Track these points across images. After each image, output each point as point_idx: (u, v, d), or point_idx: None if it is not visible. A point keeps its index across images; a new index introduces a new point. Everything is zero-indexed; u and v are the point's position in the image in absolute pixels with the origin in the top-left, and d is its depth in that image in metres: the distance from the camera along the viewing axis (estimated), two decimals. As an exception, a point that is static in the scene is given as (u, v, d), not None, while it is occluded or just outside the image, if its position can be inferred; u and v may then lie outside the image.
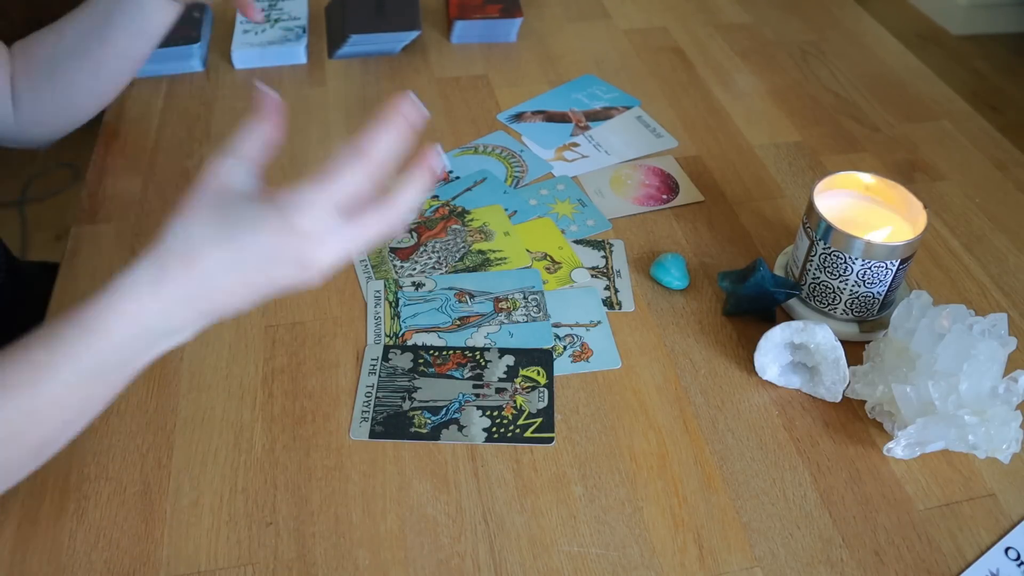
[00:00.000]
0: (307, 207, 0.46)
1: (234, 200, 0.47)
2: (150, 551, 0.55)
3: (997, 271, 0.78)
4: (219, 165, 0.48)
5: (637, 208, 0.83)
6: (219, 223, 0.46)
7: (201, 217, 0.47)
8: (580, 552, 0.56)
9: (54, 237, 1.90)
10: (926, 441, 0.60)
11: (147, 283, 0.46)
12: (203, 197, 0.47)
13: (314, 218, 0.46)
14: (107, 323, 0.46)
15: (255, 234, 0.46)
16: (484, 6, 1.07)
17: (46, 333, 0.46)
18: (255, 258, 0.47)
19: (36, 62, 0.76)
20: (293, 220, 0.46)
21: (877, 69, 1.05)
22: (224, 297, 0.48)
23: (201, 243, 0.46)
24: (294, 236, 0.46)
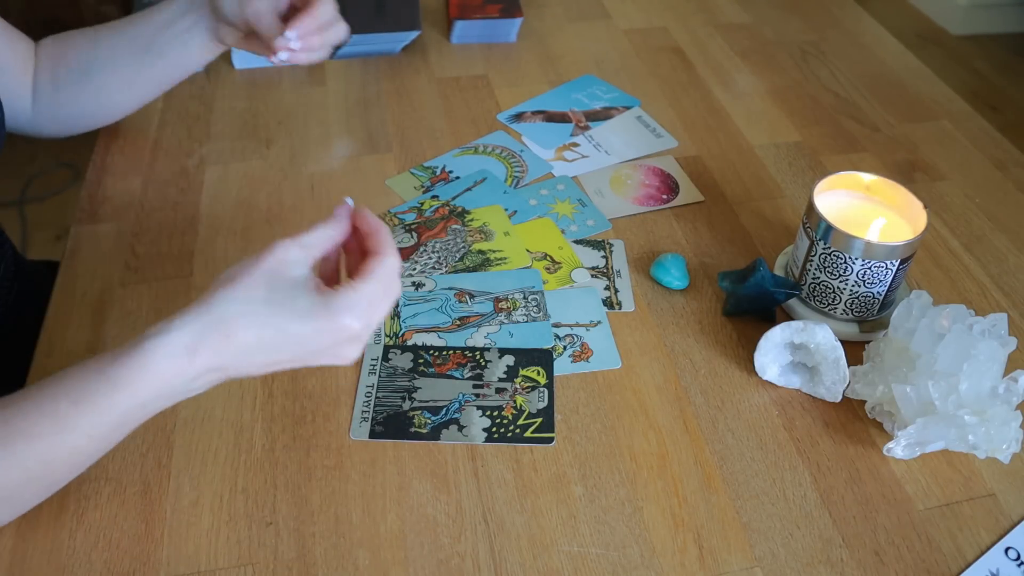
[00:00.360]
0: (355, 310, 0.48)
1: (287, 286, 0.48)
2: (150, 551, 0.55)
3: (997, 271, 0.78)
4: (283, 249, 0.49)
5: (637, 208, 0.83)
6: (267, 305, 0.47)
7: (251, 293, 0.47)
8: (580, 552, 0.56)
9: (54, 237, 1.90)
10: (926, 441, 0.60)
11: (182, 348, 0.47)
12: (258, 274, 0.48)
13: (358, 320, 0.48)
14: (136, 383, 0.47)
15: (301, 325, 0.48)
16: (484, 6, 1.07)
17: (74, 383, 0.47)
18: (294, 346, 0.48)
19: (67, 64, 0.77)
20: (343, 321, 0.48)
21: (877, 69, 1.05)
22: (251, 370, 0.49)
23: (245, 320, 0.47)
24: (340, 335, 0.49)
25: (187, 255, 0.76)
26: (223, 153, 0.88)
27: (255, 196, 0.83)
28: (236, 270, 0.48)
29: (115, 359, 0.47)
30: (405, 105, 0.96)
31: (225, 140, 0.90)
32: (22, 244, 1.89)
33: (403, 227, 0.79)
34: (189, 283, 0.73)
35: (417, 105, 0.96)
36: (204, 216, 0.80)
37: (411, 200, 0.83)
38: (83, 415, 0.47)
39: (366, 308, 0.49)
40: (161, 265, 0.75)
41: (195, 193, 0.83)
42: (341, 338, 0.49)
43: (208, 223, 0.79)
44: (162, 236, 0.78)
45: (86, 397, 0.47)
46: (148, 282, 0.73)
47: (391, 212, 0.81)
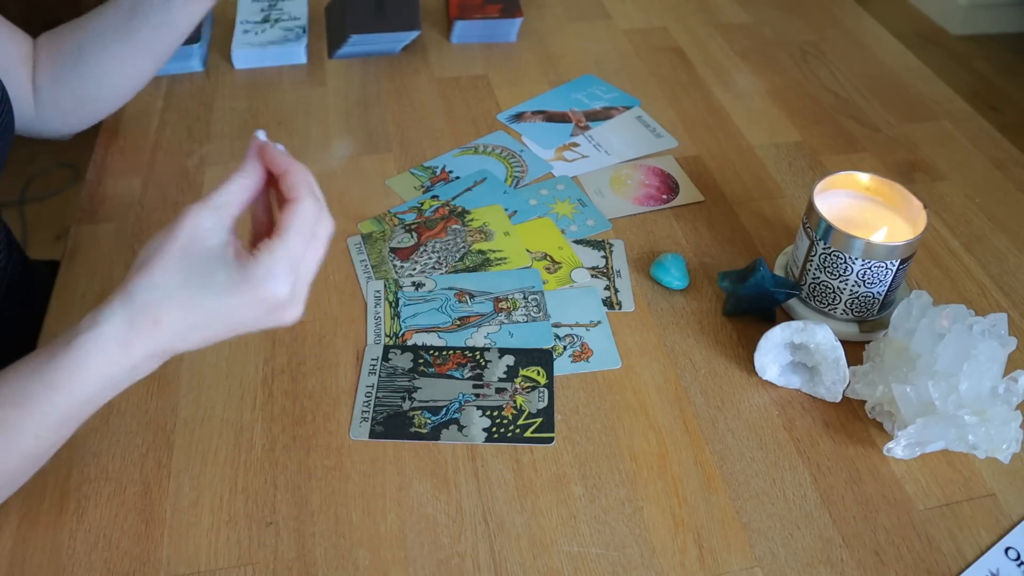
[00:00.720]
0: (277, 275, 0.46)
1: (202, 261, 0.46)
2: (150, 551, 0.55)
3: (997, 271, 0.78)
4: (194, 218, 0.46)
5: (637, 208, 0.83)
6: (185, 287, 0.46)
7: (168, 278, 0.46)
8: (580, 552, 0.56)
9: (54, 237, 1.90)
10: (926, 441, 0.60)
11: (115, 341, 0.46)
12: (172, 254, 0.46)
13: (284, 283, 0.46)
14: (75, 382, 0.46)
15: (226, 300, 0.46)
16: (484, 6, 1.07)
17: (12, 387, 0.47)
18: (223, 320, 0.47)
19: (60, 55, 0.77)
20: (268, 289, 0.46)
21: (877, 69, 1.05)
22: (191, 346, 0.48)
23: (169, 303, 0.46)
24: (270, 303, 0.47)
25: (187, 255, 0.76)
26: (223, 153, 0.88)
27: (255, 196, 0.83)
28: (150, 250, 0.46)
29: (51, 358, 0.46)
30: (405, 105, 0.96)
31: (225, 140, 0.90)
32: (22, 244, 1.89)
33: (403, 227, 0.79)
34: (189, 283, 0.73)
35: (417, 105, 0.96)
36: (204, 216, 0.80)
37: (411, 200, 0.83)
38: (26, 418, 0.47)
39: (289, 267, 0.46)
40: (161, 265, 0.75)
41: (195, 193, 0.83)
42: (272, 305, 0.47)
43: (208, 223, 0.79)
44: (162, 236, 0.78)
45: (26, 401, 0.46)
46: (148, 282, 0.73)
47: (391, 212, 0.81)
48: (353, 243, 0.78)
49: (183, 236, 0.46)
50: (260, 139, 0.50)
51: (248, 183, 0.49)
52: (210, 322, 0.47)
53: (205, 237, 0.46)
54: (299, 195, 0.47)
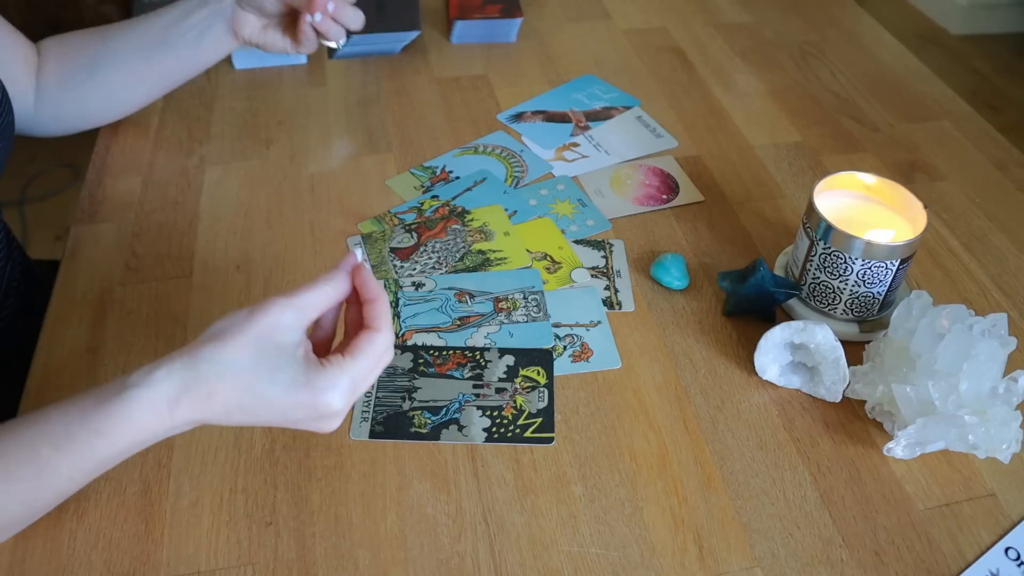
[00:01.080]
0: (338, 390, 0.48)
1: (275, 354, 0.47)
2: (150, 551, 0.55)
3: (997, 271, 0.78)
4: (277, 311, 0.47)
5: (637, 208, 0.83)
6: (252, 371, 0.47)
7: (238, 356, 0.47)
8: (580, 552, 0.56)
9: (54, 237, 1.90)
10: (926, 441, 0.60)
11: (164, 401, 0.47)
12: (248, 337, 0.47)
13: (340, 399, 0.48)
14: (117, 432, 0.47)
15: (282, 397, 0.47)
16: (484, 6, 1.07)
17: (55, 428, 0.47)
18: (274, 412, 0.48)
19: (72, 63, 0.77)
20: (324, 399, 0.47)
21: (877, 69, 1.05)
22: (228, 423, 0.49)
23: (227, 383, 0.47)
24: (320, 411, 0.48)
25: (187, 255, 0.76)
26: (223, 153, 0.88)
27: (255, 196, 0.83)
28: (226, 325, 0.47)
29: (98, 405, 0.47)
30: (405, 105, 0.96)
31: (225, 140, 0.90)
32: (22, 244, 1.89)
33: (403, 227, 0.79)
34: (189, 283, 0.73)
35: (417, 105, 0.96)
36: (204, 216, 0.80)
37: (411, 200, 0.83)
38: (64, 461, 0.48)
39: (349, 387, 0.48)
40: (161, 265, 0.75)
41: (195, 193, 0.83)
42: (321, 414, 0.48)
43: (208, 223, 0.79)
44: (162, 236, 0.78)
45: (67, 444, 0.47)
46: (148, 282, 0.73)
47: (391, 212, 0.81)
48: (353, 243, 0.78)
49: (263, 324, 0.47)
50: (357, 258, 0.51)
51: (334, 294, 0.50)
52: (258, 409, 0.48)
53: (282, 332, 0.47)
54: (380, 325, 0.50)
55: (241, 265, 0.75)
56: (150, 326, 0.69)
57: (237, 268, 0.75)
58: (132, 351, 0.67)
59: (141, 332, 0.69)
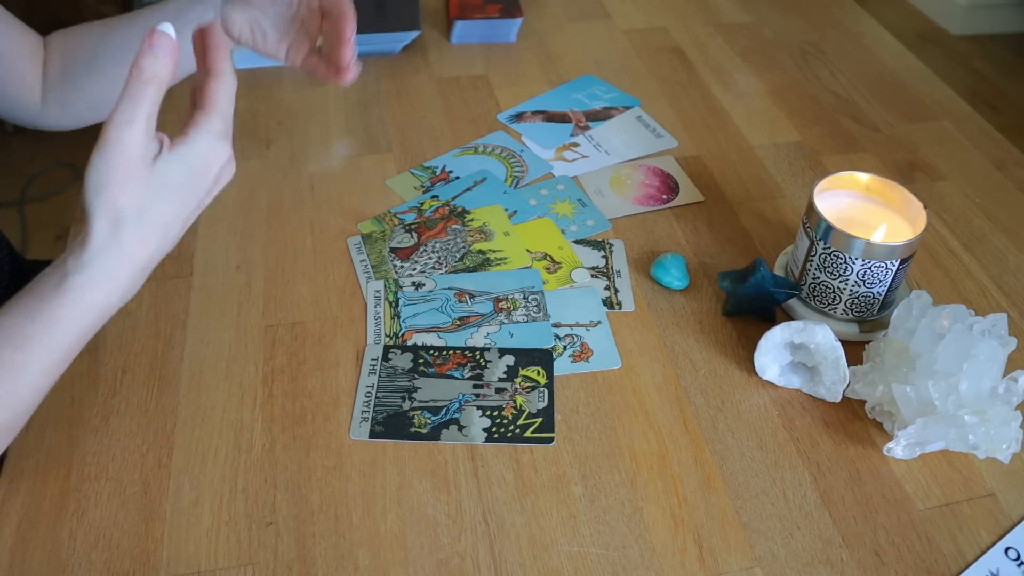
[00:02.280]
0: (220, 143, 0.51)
1: (152, 165, 0.48)
2: (150, 551, 0.55)
3: (997, 271, 0.78)
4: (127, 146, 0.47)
5: (637, 208, 0.83)
6: (155, 190, 0.48)
7: (139, 194, 0.48)
8: (580, 552, 0.56)
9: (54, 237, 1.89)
10: (926, 441, 0.60)
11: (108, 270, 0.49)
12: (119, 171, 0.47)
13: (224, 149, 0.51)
14: (72, 317, 0.49)
15: (182, 187, 0.50)
16: (484, 6, 1.07)
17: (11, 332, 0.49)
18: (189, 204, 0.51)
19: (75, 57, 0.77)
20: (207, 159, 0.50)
21: (877, 69, 1.05)
22: (172, 245, 0.51)
23: (150, 213, 0.48)
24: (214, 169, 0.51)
25: (187, 255, 0.76)
26: (223, 153, 0.88)
27: (255, 196, 0.83)
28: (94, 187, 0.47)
29: (42, 301, 0.48)
30: (405, 105, 0.96)
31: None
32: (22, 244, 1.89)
33: (403, 227, 0.79)
34: (189, 283, 0.73)
35: (417, 105, 0.96)
36: (204, 216, 0.80)
37: (411, 200, 0.83)
38: (29, 359, 0.49)
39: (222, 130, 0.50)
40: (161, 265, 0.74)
41: (195, 193, 0.83)
42: (218, 167, 0.51)
43: (208, 223, 0.79)
44: (162, 236, 0.78)
45: (27, 343, 0.49)
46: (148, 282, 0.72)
47: (391, 212, 0.81)
48: (353, 243, 0.78)
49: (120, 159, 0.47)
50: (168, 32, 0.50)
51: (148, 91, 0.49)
52: (180, 212, 0.50)
53: (141, 151, 0.48)
54: (218, 71, 0.52)
55: (241, 265, 0.75)
56: (150, 326, 0.70)
57: (237, 268, 0.75)
58: (132, 351, 0.67)
59: (141, 332, 0.69)
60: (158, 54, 0.48)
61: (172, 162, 0.49)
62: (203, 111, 0.51)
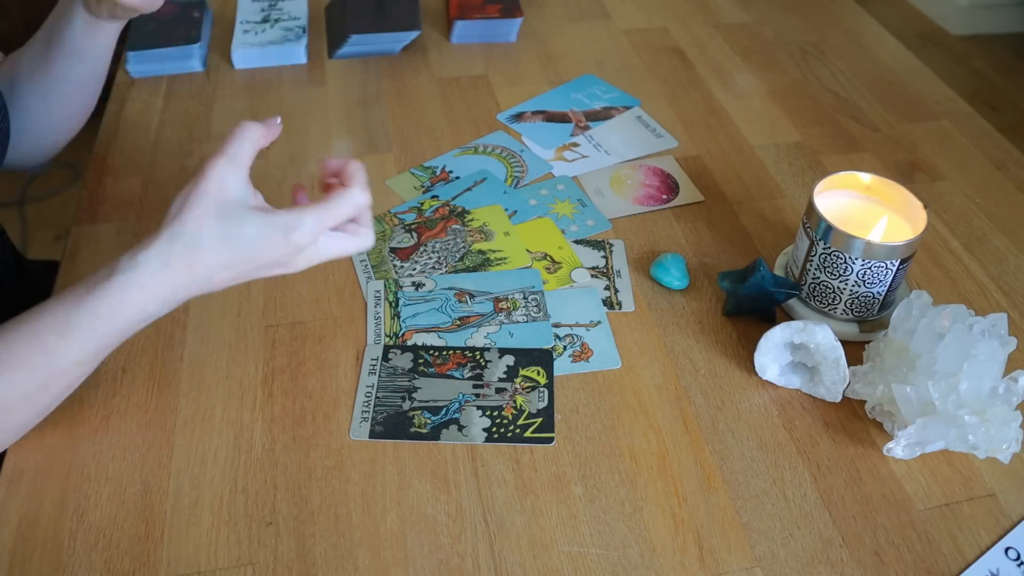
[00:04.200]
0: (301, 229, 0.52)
1: (236, 211, 0.52)
2: (150, 551, 0.55)
3: (997, 271, 0.78)
4: (218, 171, 0.51)
5: (637, 208, 0.83)
6: (222, 232, 0.51)
7: (206, 223, 0.51)
8: (580, 552, 0.56)
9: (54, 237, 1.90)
10: (926, 441, 0.60)
11: (152, 278, 0.51)
12: (206, 202, 0.51)
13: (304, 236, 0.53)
14: (115, 311, 0.51)
15: (252, 244, 0.52)
16: (484, 6, 1.07)
17: (56, 317, 0.52)
18: (249, 264, 0.53)
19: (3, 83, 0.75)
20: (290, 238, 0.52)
21: (877, 69, 1.05)
22: (214, 287, 0.54)
23: (204, 249, 0.51)
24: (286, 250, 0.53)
25: (187, 255, 0.76)
26: (223, 153, 0.88)
27: (255, 196, 0.83)
28: (181, 202, 0.51)
29: (89, 293, 0.51)
30: (405, 105, 0.96)
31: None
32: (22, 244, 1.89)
33: (403, 227, 0.79)
34: (189, 283, 0.73)
35: (417, 105, 0.96)
36: (204, 216, 0.80)
37: (411, 200, 0.83)
38: (70, 346, 0.52)
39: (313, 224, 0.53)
40: (161, 265, 0.75)
41: (195, 193, 0.83)
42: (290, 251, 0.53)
43: (208, 223, 0.79)
44: (162, 236, 0.78)
45: (71, 331, 0.51)
46: (148, 282, 0.73)
47: (391, 212, 0.81)
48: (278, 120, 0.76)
49: (211, 188, 0.51)
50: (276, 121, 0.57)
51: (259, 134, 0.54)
52: (236, 263, 0.53)
53: (230, 188, 0.52)
54: (352, 183, 0.56)
55: (241, 265, 0.75)
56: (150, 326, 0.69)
57: (237, 268, 0.75)
58: (132, 351, 0.67)
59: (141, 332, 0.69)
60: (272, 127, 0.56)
61: (256, 220, 0.52)
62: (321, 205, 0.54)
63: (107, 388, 0.65)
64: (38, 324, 0.52)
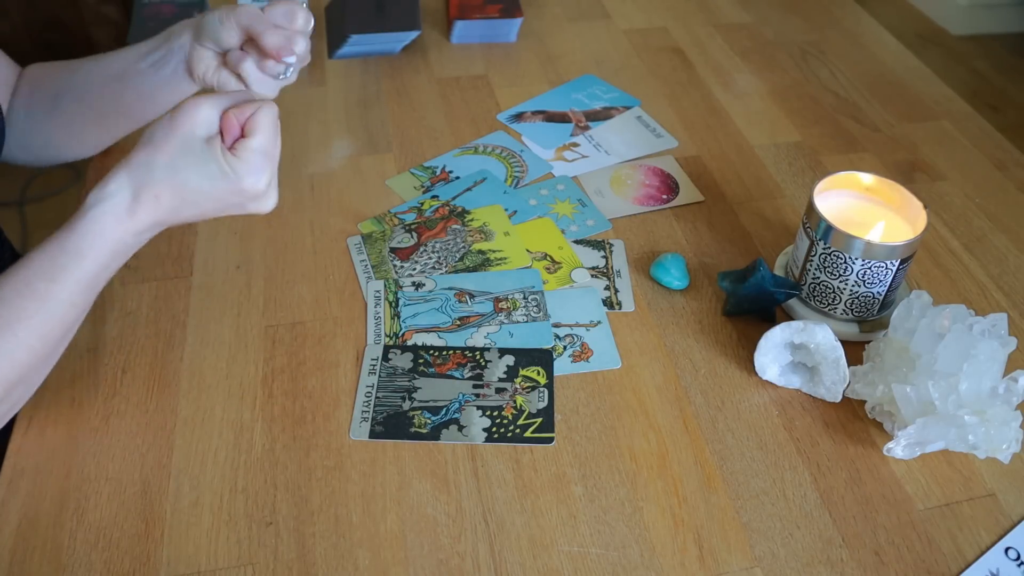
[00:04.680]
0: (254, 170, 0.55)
1: (199, 148, 0.54)
2: (150, 551, 0.55)
3: (997, 271, 0.78)
4: (196, 110, 0.54)
5: (637, 208, 0.83)
6: (184, 170, 0.54)
7: (170, 158, 0.53)
8: (580, 552, 0.56)
9: (54, 237, 1.89)
10: (926, 441, 0.60)
11: (124, 210, 0.53)
12: (173, 140, 0.54)
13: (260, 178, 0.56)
14: (96, 248, 0.53)
15: (213, 187, 0.54)
16: (484, 6, 1.07)
17: (42, 264, 0.53)
18: (212, 202, 0.55)
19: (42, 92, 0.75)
20: (247, 182, 0.55)
21: (877, 69, 1.05)
22: (184, 220, 0.56)
23: (168, 183, 0.54)
24: (249, 193, 0.56)
25: (187, 255, 0.76)
26: (223, 153, 0.88)
27: (255, 196, 0.83)
28: (153, 131, 0.54)
29: (71, 232, 0.53)
30: (405, 105, 0.96)
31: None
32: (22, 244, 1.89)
33: (403, 227, 0.79)
34: (189, 283, 0.73)
35: (417, 105, 0.96)
36: (204, 216, 0.80)
37: (411, 200, 0.83)
38: (61, 288, 0.53)
39: (262, 162, 0.55)
40: (161, 265, 0.75)
41: (195, 193, 0.83)
42: (252, 195, 0.56)
43: (208, 223, 0.79)
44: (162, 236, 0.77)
45: (57, 273, 0.53)
46: (148, 282, 0.73)
47: (391, 212, 0.81)
48: (353, 243, 0.78)
49: (183, 124, 0.54)
50: None
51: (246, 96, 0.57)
52: (200, 201, 0.55)
53: (201, 128, 0.54)
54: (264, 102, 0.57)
55: (241, 265, 0.75)
56: (150, 326, 0.70)
57: (237, 268, 0.75)
58: (132, 351, 0.67)
59: (141, 332, 0.69)
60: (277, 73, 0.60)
61: (215, 162, 0.54)
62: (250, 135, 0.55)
63: (107, 388, 0.65)
64: (26, 273, 0.53)
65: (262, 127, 0.56)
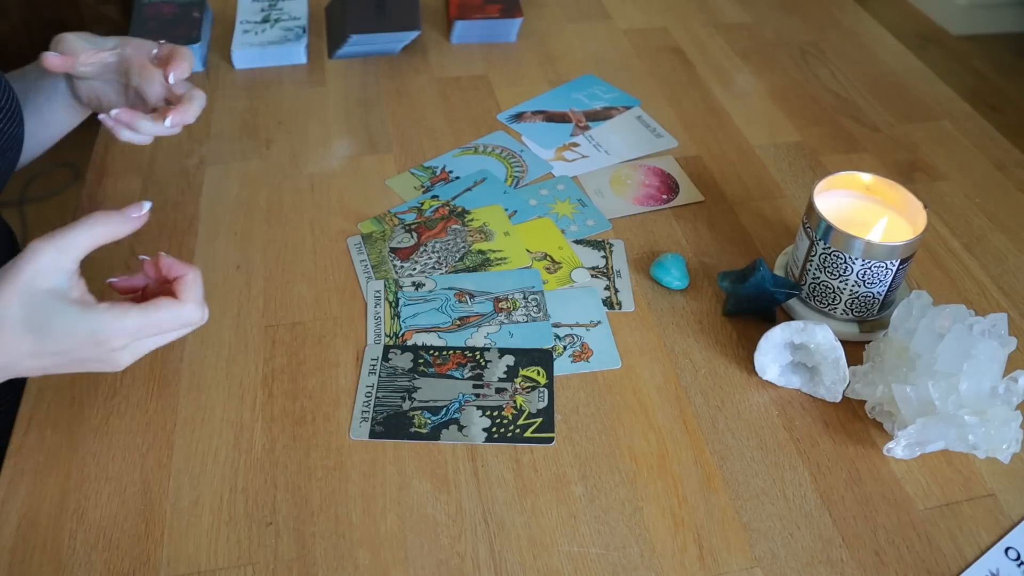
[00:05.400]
0: (116, 333, 0.49)
1: (43, 299, 0.48)
2: (150, 551, 0.55)
3: (997, 271, 0.78)
4: (36, 256, 0.48)
5: (637, 208, 0.83)
6: (27, 320, 0.48)
7: (13, 306, 0.48)
8: (580, 552, 0.56)
9: (54, 237, 1.89)
10: (926, 441, 0.60)
11: None
12: (13, 284, 0.48)
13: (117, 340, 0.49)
14: None
15: (61, 342, 0.49)
16: (484, 6, 1.07)
17: None
18: (57, 358, 0.50)
19: None
20: (100, 338, 0.49)
21: (877, 69, 1.05)
22: (26, 373, 0.51)
23: (8, 332, 0.48)
24: (99, 351, 0.50)
25: (187, 255, 0.76)
26: (223, 153, 0.88)
27: (255, 196, 0.83)
28: None
29: None
30: (405, 105, 0.96)
31: (225, 140, 0.90)
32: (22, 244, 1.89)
33: (403, 227, 0.79)
34: (189, 283, 0.73)
35: (417, 105, 0.96)
36: (204, 216, 0.80)
37: (411, 200, 0.83)
38: None
39: (132, 330, 0.49)
40: (161, 265, 0.75)
41: (195, 193, 0.83)
42: (103, 353, 0.50)
43: (208, 223, 0.79)
44: (162, 236, 0.78)
45: None
46: (148, 282, 0.73)
47: (391, 212, 0.81)
48: (353, 243, 0.78)
49: (24, 271, 0.48)
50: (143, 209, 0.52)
51: (102, 233, 0.50)
52: (43, 356, 0.49)
53: (44, 276, 0.48)
54: (185, 298, 0.51)
55: (241, 265, 0.75)
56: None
57: (237, 268, 0.75)
58: (132, 351, 0.67)
59: None
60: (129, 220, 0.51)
61: (67, 315, 0.48)
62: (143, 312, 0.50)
63: (107, 388, 0.65)
64: None
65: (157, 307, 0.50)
